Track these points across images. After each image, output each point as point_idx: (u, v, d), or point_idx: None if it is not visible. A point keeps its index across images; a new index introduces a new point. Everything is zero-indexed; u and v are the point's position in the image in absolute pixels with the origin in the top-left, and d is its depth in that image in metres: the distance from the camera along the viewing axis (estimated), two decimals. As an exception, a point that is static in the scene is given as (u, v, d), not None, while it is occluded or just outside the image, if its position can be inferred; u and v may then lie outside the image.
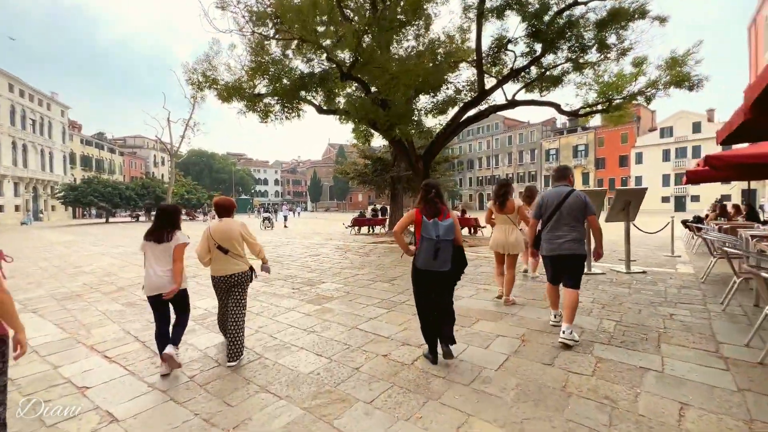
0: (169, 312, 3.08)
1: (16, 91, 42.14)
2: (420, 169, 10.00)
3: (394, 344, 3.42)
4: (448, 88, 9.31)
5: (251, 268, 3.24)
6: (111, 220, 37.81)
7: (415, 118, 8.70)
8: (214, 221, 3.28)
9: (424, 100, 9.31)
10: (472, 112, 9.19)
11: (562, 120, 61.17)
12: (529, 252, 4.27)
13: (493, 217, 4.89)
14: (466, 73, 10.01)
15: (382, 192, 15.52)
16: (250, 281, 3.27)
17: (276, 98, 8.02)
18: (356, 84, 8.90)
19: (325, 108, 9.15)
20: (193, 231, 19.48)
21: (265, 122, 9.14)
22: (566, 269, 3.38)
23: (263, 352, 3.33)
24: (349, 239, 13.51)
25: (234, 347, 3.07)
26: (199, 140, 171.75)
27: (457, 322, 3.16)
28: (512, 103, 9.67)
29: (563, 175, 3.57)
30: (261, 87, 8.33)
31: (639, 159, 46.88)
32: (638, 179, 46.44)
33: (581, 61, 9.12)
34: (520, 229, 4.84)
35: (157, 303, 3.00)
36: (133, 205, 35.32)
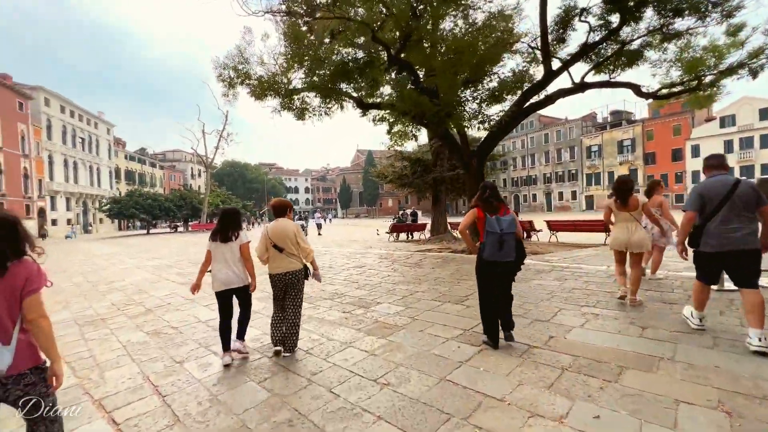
0: (232, 307, 3.33)
1: (67, 112, 44.98)
2: (474, 167, 8.79)
3: (519, 414, 2.25)
4: (503, 73, 8.07)
5: (305, 267, 3.43)
6: (152, 231, 39.10)
7: (470, 108, 7.53)
8: (271, 223, 3.47)
9: (477, 88, 8.10)
10: (535, 99, 7.87)
11: (602, 114, 57.55)
12: (677, 250, 3.35)
13: (612, 215, 4.50)
14: (521, 57, 8.70)
15: (423, 195, 14.35)
16: (306, 279, 3.46)
17: (314, 92, 7.13)
18: (402, 73, 7.90)
19: (367, 102, 8.18)
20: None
21: (302, 120, 8.36)
22: (742, 266, 2.98)
23: (324, 425, 2.27)
24: (389, 247, 12.46)
25: (291, 338, 3.30)
26: (233, 151, 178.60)
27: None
28: (581, 86, 8.26)
29: (721, 163, 3.20)
30: (297, 80, 7.56)
31: (695, 152, 42.73)
32: (695, 174, 42.31)
33: (669, 29, 7.59)
34: (644, 227, 4.47)
35: (225, 297, 3.28)
36: (172, 216, 36.25)
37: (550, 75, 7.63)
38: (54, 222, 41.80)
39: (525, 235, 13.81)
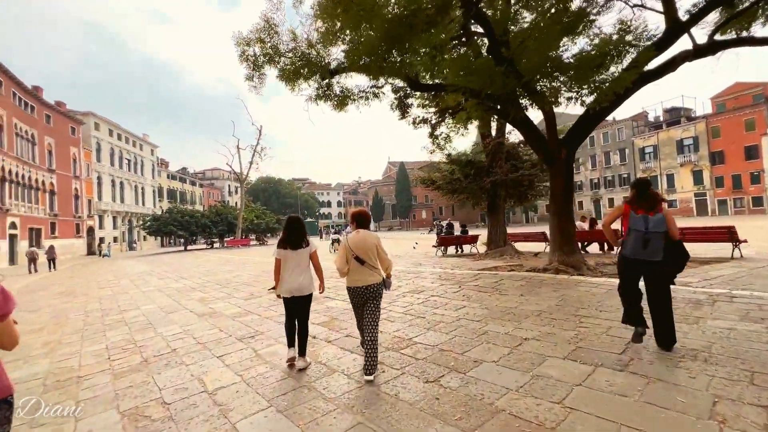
0: (297, 312, 3.38)
1: (115, 135, 47.36)
2: (562, 161, 6.82)
3: None
4: (601, 32, 6.05)
5: (383, 280, 3.24)
6: (189, 247, 39.46)
7: (563, 80, 5.60)
8: (351, 234, 3.28)
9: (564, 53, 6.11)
10: (653, 65, 5.81)
11: (655, 113, 52.70)
12: None
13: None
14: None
15: (477, 202, 12.37)
16: (383, 291, 3.26)
17: (359, 66, 5.56)
18: (470, 39, 6.26)
19: (424, 82, 6.49)
20: (262, 257, 18.01)
21: (342, 109, 6.90)
22: None
23: None
24: (441, 263, 10.55)
25: (371, 359, 3.00)
26: (267, 166, 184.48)
27: None
28: (711, 47, 6.12)
29: None
30: (337, 57, 6.08)
31: (775, 148, 37.43)
32: (777, 173, 36.94)
33: None
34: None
35: (292, 304, 3.36)
36: (208, 233, 36.31)
37: (676, 30, 5.59)
38: (101, 240, 43.51)
39: (606, 246, 11.45)
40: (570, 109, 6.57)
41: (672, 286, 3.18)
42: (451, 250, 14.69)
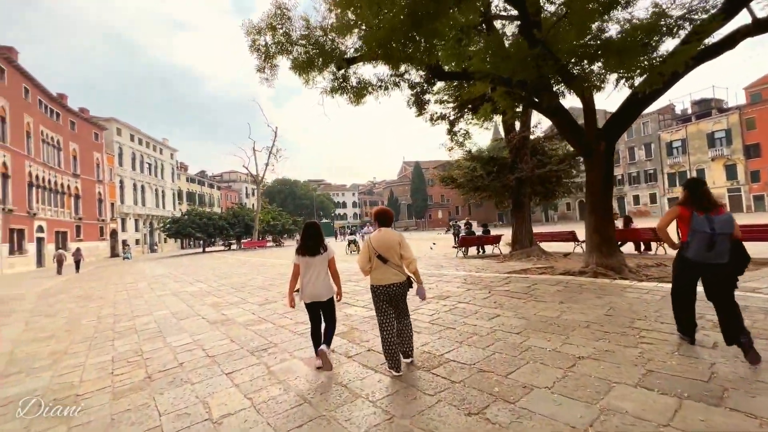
0: (320, 316, 3.39)
1: (136, 140, 48.55)
2: (600, 153, 6.18)
3: None
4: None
5: (408, 279, 3.20)
6: (207, 249, 39.95)
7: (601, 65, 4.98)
8: (374, 232, 3.26)
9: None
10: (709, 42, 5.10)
11: (682, 105, 50.28)
12: None
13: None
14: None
15: (501, 200, 11.73)
16: (408, 290, 3.22)
17: (377, 54, 5.09)
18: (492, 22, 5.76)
19: (449, 70, 5.96)
20: (278, 259, 17.81)
21: (359, 102, 6.48)
22: None
23: None
24: (464, 265, 9.99)
25: (411, 346, 3.28)
26: (282, 168, 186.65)
27: None
28: (776, 20, 5.38)
29: None
30: (356, 40, 5.65)
31: (818, 139, 34.97)
32: (821, 166, 34.52)
33: None
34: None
35: (314, 308, 3.36)
36: (226, 235, 36.62)
37: (735, 4, 4.89)
38: (124, 242, 44.63)
39: (643, 247, 10.64)
40: (597, 100, 5.94)
41: (741, 293, 2.87)
42: (472, 251, 14.07)
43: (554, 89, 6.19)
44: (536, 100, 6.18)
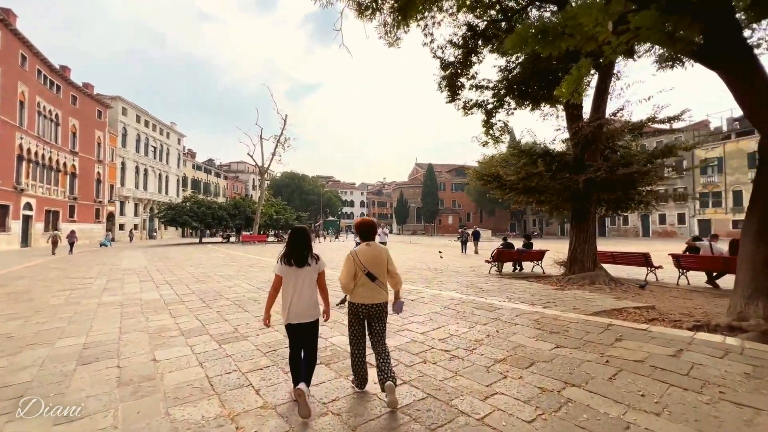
0: (304, 341, 2.82)
1: (142, 121, 46.78)
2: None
3: None
4: None
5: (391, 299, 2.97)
6: (205, 240, 37.82)
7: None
8: (360, 246, 2.93)
9: None
10: None
11: (720, 121, 46.97)
12: None
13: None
14: None
15: (560, 207, 9.14)
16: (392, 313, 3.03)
17: None
18: None
19: None
20: (273, 259, 15.45)
21: (406, 25, 4.14)
22: None
23: None
24: (508, 288, 7.51)
25: (391, 368, 2.72)
26: (291, 160, 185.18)
27: None
28: None
29: None
30: None
31: None
32: None
33: None
34: None
35: (297, 332, 2.79)
36: (225, 225, 34.43)
37: None
38: (122, 227, 42.80)
39: (648, 271, 8.07)
40: None
41: None
42: (513, 268, 11.55)
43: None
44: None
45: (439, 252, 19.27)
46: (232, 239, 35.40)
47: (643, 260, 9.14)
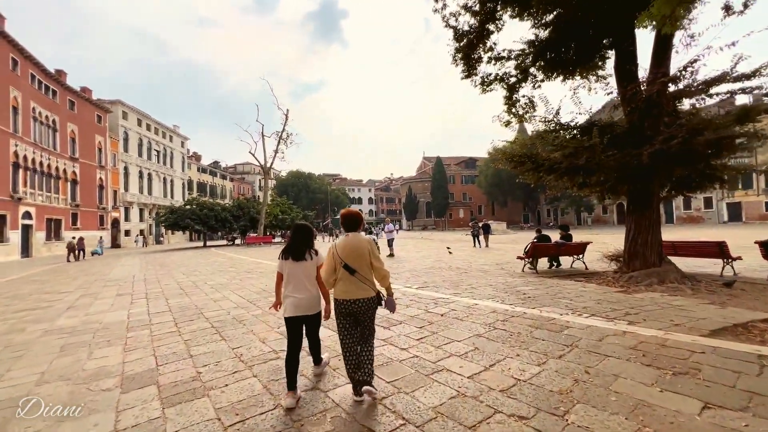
0: (302, 337, 2.86)
1: (144, 125, 45.93)
2: None
3: None
4: None
5: (378, 294, 2.75)
6: (209, 243, 36.78)
7: None
8: (341, 237, 2.84)
9: None
10: None
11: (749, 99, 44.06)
12: None
13: None
14: None
15: (615, 189, 7.43)
16: (377, 307, 2.75)
17: None
18: None
19: None
20: (275, 262, 14.04)
21: None
22: None
23: None
24: (562, 293, 5.93)
25: (368, 369, 2.63)
26: (294, 158, 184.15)
27: None
28: None
29: None
30: None
31: None
32: None
33: None
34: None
35: (295, 325, 2.80)
36: (228, 228, 33.27)
37: None
38: (127, 233, 42.11)
39: (725, 262, 6.34)
40: None
41: None
42: (549, 264, 9.95)
43: None
44: None
45: (448, 248, 17.67)
46: (237, 242, 34.26)
47: (718, 250, 7.44)
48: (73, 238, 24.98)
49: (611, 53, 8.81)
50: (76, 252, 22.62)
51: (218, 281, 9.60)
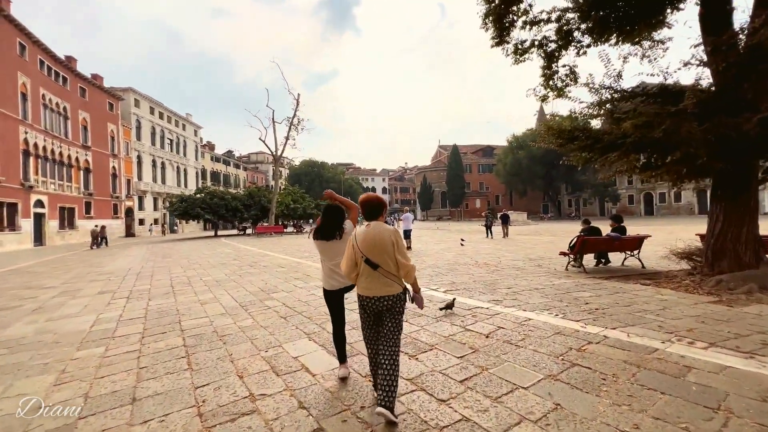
0: (343, 310, 2.91)
1: (157, 113, 45.51)
2: None
3: None
4: None
5: (405, 290, 2.43)
6: (221, 232, 36.27)
7: None
8: (361, 226, 2.46)
9: None
10: None
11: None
12: None
13: None
14: None
15: (703, 171, 5.88)
16: (404, 304, 2.43)
17: None
18: None
19: None
20: (282, 254, 12.88)
21: None
22: None
23: None
24: (613, 296, 4.55)
25: (389, 389, 2.14)
26: (310, 151, 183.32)
27: None
28: None
29: None
30: None
31: None
32: None
33: None
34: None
35: (333, 299, 2.86)
36: (239, 217, 32.54)
37: None
38: (141, 222, 42.11)
39: None
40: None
41: None
42: (596, 262, 8.50)
43: None
44: None
45: (461, 240, 16.27)
46: (248, 231, 33.58)
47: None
48: (96, 226, 24.97)
49: (686, 2, 7.14)
50: (98, 240, 23.20)
51: (215, 277, 8.53)
